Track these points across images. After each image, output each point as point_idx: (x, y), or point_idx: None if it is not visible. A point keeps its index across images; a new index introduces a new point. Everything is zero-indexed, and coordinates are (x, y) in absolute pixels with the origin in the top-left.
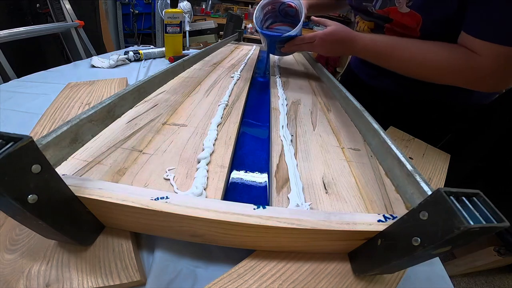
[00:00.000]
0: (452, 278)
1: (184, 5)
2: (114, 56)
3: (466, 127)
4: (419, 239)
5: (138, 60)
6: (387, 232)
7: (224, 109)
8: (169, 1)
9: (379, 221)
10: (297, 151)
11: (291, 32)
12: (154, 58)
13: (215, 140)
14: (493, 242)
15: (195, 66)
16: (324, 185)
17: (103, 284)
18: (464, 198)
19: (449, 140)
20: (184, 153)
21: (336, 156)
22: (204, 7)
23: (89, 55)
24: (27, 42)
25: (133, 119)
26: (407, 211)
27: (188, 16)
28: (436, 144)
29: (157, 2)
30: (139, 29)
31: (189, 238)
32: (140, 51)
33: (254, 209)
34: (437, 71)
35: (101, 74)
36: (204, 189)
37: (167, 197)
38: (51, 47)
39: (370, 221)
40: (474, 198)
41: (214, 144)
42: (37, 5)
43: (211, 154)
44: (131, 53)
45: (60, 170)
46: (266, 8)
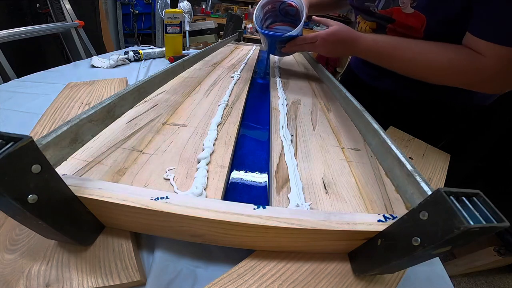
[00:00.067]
0: (452, 278)
1: (184, 5)
2: (114, 56)
3: (466, 127)
4: (419, 239)
5: (138, 60)
6: (387, 232)
7: (224, 109)
8: (169, 1)
9: (379, 221)
10: (297, 151)
11: (292, 32)
12: (154, 58)
13: (215, 140)
14: (493, 242)
15: (195, 66)
16: (324, 185)
17: (103, 284)
18: (464, 198)
19: (449, 140)
20: (184, 153)
21: (336, 156)
22: (204, 7)
23: (89, 55)
24: (27, 42)
25: (133, 119)
26: (407, 211)
27: (188, 16)
28: (436, 144)
29: (157, 2)
30: (139, 29)
31: (189, 238)
32: (140, 51)
33: (254, 209)
34: (441, 72)
35: (101, 74)
36: (204, 189)
37: (167, 197)
38: (51, 47)
39: (370, 221)
40: (474, 198)
41: (214, 144)
42: (37, 5)
43: (211, 154)
44: (131, 53)
45: (60, 170)
46: (266, 7)
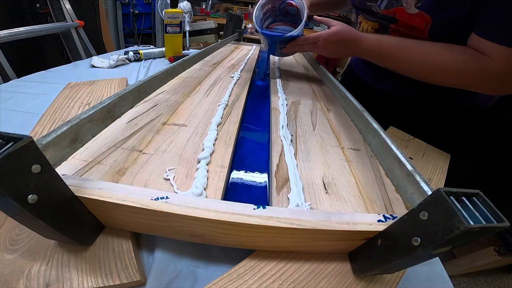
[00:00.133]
0: (452, 278)
1: (184, 5)
2: (114, 56)
3: (467, 127)
4: (419, 239)
5: (138, 60)
6: (387, 232)
7: (224, 109)
8: (169, 1)
9: (379, 221)
10: (297, 151)
11: (293, 32)
12: (154, 58)
13: (215, 140)
14: (493, 242)
15: (195, 66)
16: (324, 185)
17: (103, 284)
18: (464, 198)
19: (449, 140)
20: (184, 153)
21: (336, 156)
22: (204, 7)
23: (89, 55)
24: (27, 42)
25: (133, 119)
26: (407, 211)
27: (188, 16)
28: (436, 144)
29: (157, 2)
30: (139, 29)
31: (189, 238)
32: (140, 51)
33: (254, 209)
34: (446, 74)
35: (101, 74)
36: (204, 189)
37: (167, 197)
38: (51, 47)
39: (370, 221)
40: (474, 198)
41: (214, 144)
42: (37, 5)
43: (211, 154)
44: (131, 53)
45: (60, 170)
46: (266, 7)
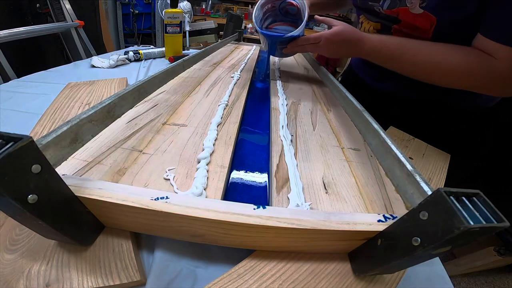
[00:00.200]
0: (452, 278)
1: (184, 5)
2: (114, 56)
3: (467, 127)
4: (419, 239)
5: (138, 60)
6: (387, 232)
7: (224, 109)
8: (169, 1)
9: (379, 221)
10: (297, 151)
11: (294, 32)
12: (154, 58)
13: (215, 140)
14: (493, 242)
15: (195, 66)
16: (324, 185)
17: (103, 284)
18: (464, 198)
19: (449, 140)
20: (184, 153)
21: (336, 156)
22: (204, 7)
23: (89, 55)
24: (27, 42)
25: (133, 119)
26: (407, 211)
27: (188, 16)
28: (436, 144)
29: (157, 2)
30: (139, 29)
31: (189, 238)
32: (140, 51)
33: (254, 209)
34: (450, 74)
35: (101, 74)
36: (204, 189)
37: (167, 197)
38: (51, 47)
39: (370, 221)
40: (474, 198)
41: (214, 144)
42: (37, 5)
43: (211, 154)
44: (131, 53)
45: (60, 170)
46: (266, 7)
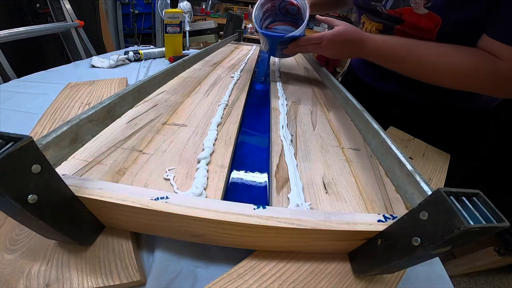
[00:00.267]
0: (452, 278)
1: (184, 5)
2: (114, 56)
3: (467, 128)
4: (419, 239)
5: (138, 60)
6: (387, 232)
7: (224, 109)
8: (169, 1)
9: (379, 221)
10: (297, 151)
11: (295, 32)
12: (154, 58)
13: (215, 140)
14: (493, 242)
15: (195, 66)
16: (324, 185)
17: (103, 284)
18: (464, 198)
19: (449, 140)
20: (184, 153)
21: (336, 156)
22: (204, 7)
23: (89, 55)
24: (27, 42)
25: (133, 119)
26: (407, 211)
27: (188, 16)
28: (436, 144)
29: (157, 2)
30: (139, 29)
31: (189, 238)
32: (140, 51)
33: (254, 209)
34: (455, 75)
35: (101, 74)
36: (204, 189)
37: (167, 197)
38: (51, 47)
39: (370, 221)
40: (474, 198)
41: (214, 144)
42: (37, 5)
43: (211, 154)
44: (131, 53)
45: (60, 170)
46: (266, 6)
